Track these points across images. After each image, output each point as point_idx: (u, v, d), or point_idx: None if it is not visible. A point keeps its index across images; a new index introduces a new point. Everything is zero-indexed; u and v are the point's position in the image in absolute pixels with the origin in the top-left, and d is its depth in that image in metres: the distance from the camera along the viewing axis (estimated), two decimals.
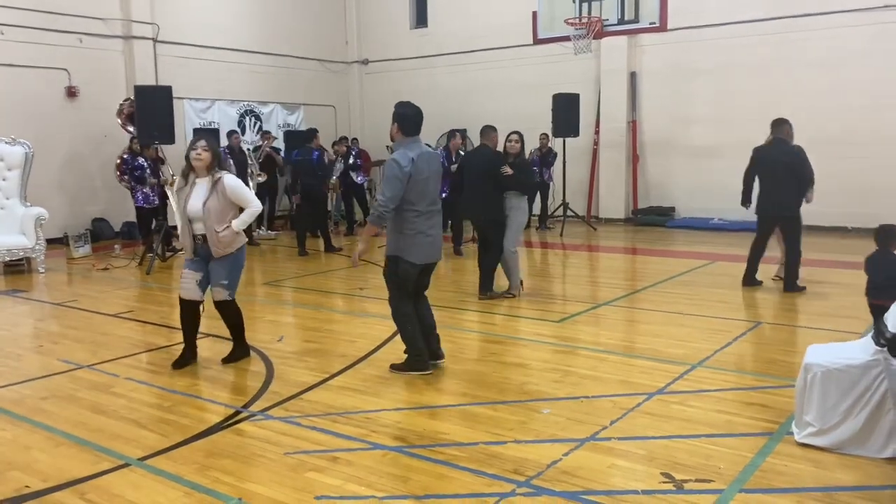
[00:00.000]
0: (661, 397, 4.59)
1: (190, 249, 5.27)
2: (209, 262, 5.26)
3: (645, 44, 14.06)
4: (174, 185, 10.91)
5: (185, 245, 5.31)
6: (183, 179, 5.25)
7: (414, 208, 5.01)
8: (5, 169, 10.12)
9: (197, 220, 5.16)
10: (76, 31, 12.62)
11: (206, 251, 5.22)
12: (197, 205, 5.12)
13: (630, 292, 8.03)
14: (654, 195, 14.45)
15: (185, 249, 5.33)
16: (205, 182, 5.16)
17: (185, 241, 5.28)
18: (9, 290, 8.72)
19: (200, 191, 5.15)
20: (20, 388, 5.02)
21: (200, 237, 5.20)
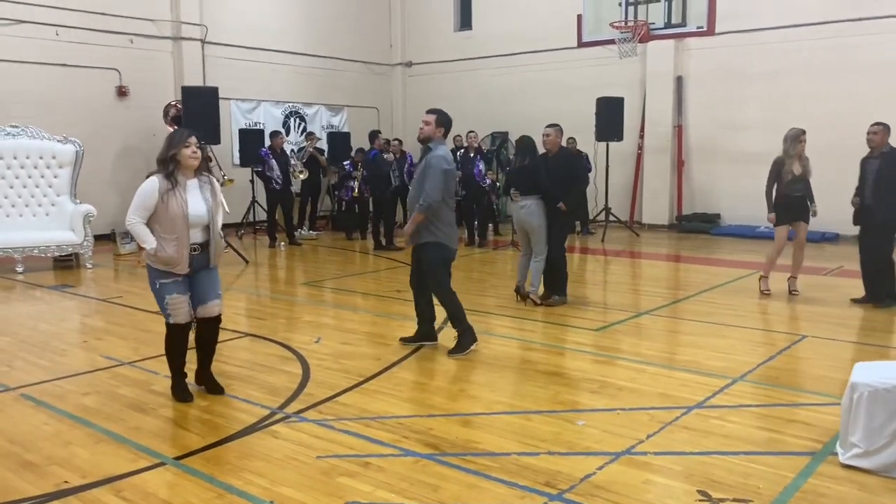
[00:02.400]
0: (701, 411, 4.48)
1: (186, 263, 4.54)
2: (194, 275, 4.63)
3: (692, 48, 13.83)
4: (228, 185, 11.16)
5: (180, 259, 4.50)
6: (167, 181, 4.46)
7: (447, 201, 5.73)
8: (56, 166, 10.39)
9: (198, 225, 4.55)
10: (127, 31, 12.90)
11: (200, 262, 4.62)
12: (201, 208, 4.55)
13: (672, 301, 7.89)
14: (699, 201, 14.21)
15: (178, 265, 4.51)
16: (194, 183, 4.57)
17: (181, 253, 4.49)
18: (58, 284, 8.95)
19: (195, 193, 4.56)
20: (63, 384, 5.14)
21: (198, 246, 4.58)
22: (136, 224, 4.48)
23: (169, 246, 4.46)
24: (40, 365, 5.60)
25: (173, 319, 4.65)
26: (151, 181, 4.49)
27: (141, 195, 4.47)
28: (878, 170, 7.22)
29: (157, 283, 4.58)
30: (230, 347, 6.12)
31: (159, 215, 4.46)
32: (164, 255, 4.47)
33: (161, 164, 4.53)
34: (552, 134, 7.47)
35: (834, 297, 7.76)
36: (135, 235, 4.53)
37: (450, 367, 5.45)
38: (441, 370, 5.38)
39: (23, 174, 10.22)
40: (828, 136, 8.22)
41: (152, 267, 4.54)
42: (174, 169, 4.52)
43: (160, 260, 4.48)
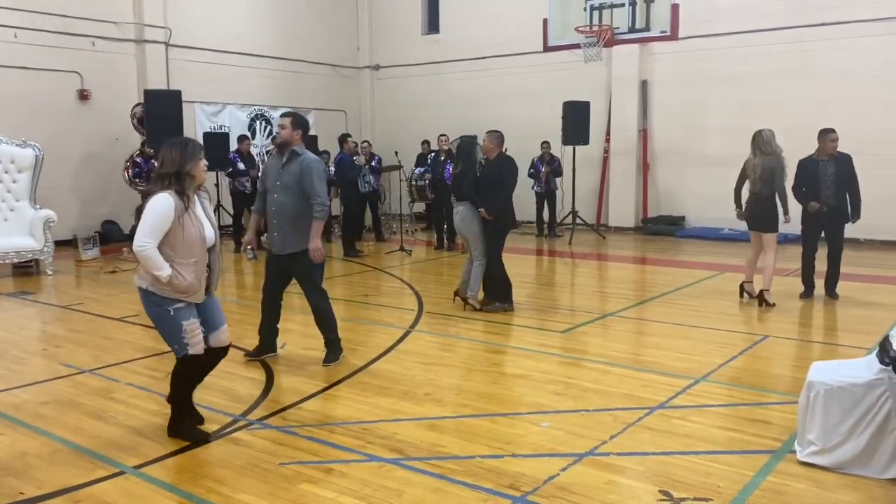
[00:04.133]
0: (663, 412, 4.53)
1: (203, 290, 4.10)
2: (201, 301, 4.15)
3: (656, 52, 14.00)
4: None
5: (199, 285, 4.04)
6: (181, 200, 3.91)
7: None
8: (15, 171, 10.18)
9: (210, 249, 4.12)
10: (89, 34, 12.70)
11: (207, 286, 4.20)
12: (210, 228, 4.09)
13: (637, 303, 7.97)
14: (664, 204, 14.38)
15: (196, 292, 4.03)
16: (196, 200, 4.08)
17: (200, 279, 4.04)
18: (16, 291, 8.77)
19: (201, 213, 4.09)
20: (20, 393, 5.03)
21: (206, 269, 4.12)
22: (151, 249, 3.83)
23: (187, 272, 3.93)
24: None
25: (193, 349, 4.03)
26: (166, 199, 3.86)
27: (156, 215, 3.84)
28: (836, 173, 7.60)
29: (171, 310, 3.96)
30: None
31: (173, 238, 3.89)
32: (183, 282, 3.92)
33: (170, 179, 3.90)
34: (486, 140, 7.47)
35: (794, 298, 7.89)
36: (147, 262, 3.86)
37: (416, 373, 5.44)
38: (407, 375, 5.36)
39: None
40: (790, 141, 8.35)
41: (157, 294, 3.94)
42: (187, 186, 3.96)
43: (176, 288, 3.92)
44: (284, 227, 5.43)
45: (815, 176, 7.66)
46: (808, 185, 7.69)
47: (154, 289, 3.93)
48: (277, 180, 5.40)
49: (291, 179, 5.36)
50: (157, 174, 3.96)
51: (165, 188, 3.89)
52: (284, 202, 5.40)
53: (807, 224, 7.85)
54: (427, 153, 14.55)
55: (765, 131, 7.44)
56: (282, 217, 5.42)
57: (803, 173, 7.71)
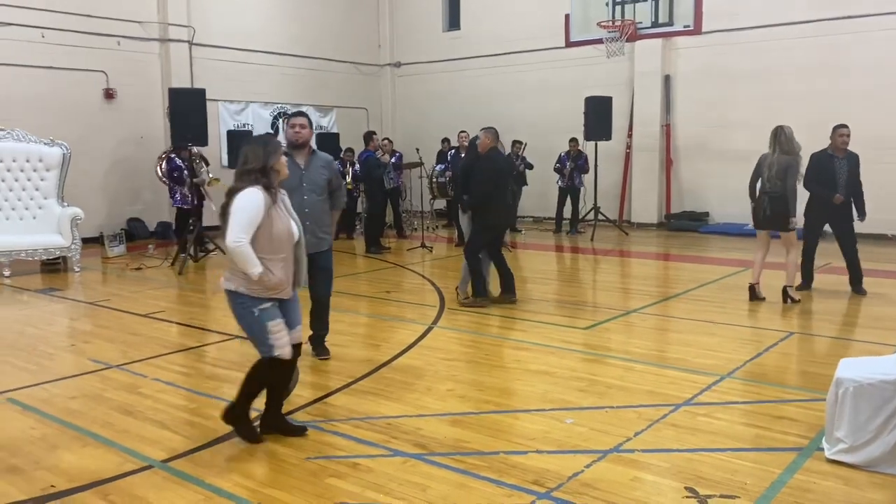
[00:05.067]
0: (688, 409, 4.50)
1: (291, 286, 4.05)
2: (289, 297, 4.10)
3: (679, 47, 13.89)
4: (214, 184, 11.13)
5: (288, 282, 3.99)
6: (269, 195, 3.85)
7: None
8: (43, 169, 10.33)
9: (296, 243, 4.04)
10: (114, 34, 12.85)
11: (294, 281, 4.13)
12: (296, 225, 4.04)
13: (661, 299, 7.92)
14: (687, 200, 14.27)
15: (285, 288, 3.97)
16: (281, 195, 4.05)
17: (288, 275, 3.99)
18: (45, 288, 8.90)
19: (286, 207, 4.05)
20: (50, 387, 5.11)
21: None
22: (245, 245, 3.75)
23: (277, 268, 3.87)
24: (27, 369, 5.57)
25: (279, 351, 3.92)
26: (256, 194, 3.79)
27: (247, 211, 3.77)
28: (849, 170, 7.65)
29: (256, 311, 3.86)
30: (219, 349, 6.12)
31: (263, 234, 3.82)
32: (273, 279, 3.85)
33: (256, 175, 3.84)
34: (480, 136, 7.55)
35: (820, 294, 7.80)
36: (241, 259, 3.76)
37: (439, 368, 5.45)
38: (430, 371, 5.38)
39: (9, 177, 10.15)
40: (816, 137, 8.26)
41: (244, 293, 3.85)
42: (273, 180, 3.91)
43: (265, 285, 3.84)
44: (316, 225, 5.32)
45: (830, 171, 7.63)
46: (823, 179, 7.63)
47: (243, 289, 3.84)
48: (303, 181, 5.23)
49: (319, 178, 5.32)
50: (242, 171, 3.87)
51: (255, 183, 3.82)
52: (316, 201, 5.31)
53: (811, 218, 7.85)
54: (447, 150, 14.56)
55: (786, 128, 7.27)
56: (314, 216, 5.28)
57: (818, 167, 7.65)
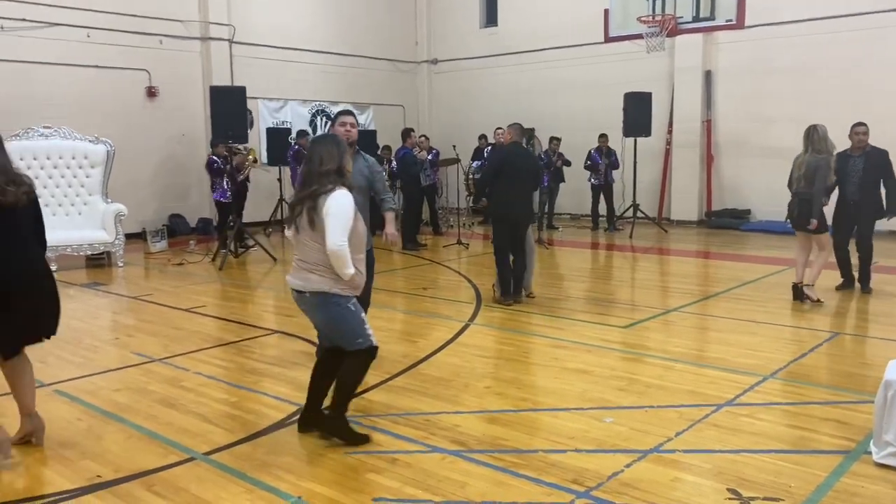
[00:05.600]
0: (730, 409, 4.43)
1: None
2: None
3: (721, 41, 13.67)
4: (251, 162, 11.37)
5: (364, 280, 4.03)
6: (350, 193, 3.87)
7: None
8: (88, 166, 10.56)
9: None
10: (157, 32, 13.07)
11: None
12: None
13: (701, 298, 7.81)
14: (728, 197, 14.04)
15: (361, 286, 4.00)
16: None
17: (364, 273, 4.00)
18: (89, 282, 9.10)
19: None
20: (96, 380, 5.23)
21: None
22: (346, 247, 3.73)
23: (361, 266, 3.90)
24: (73, 361, 5.70)
25: (375, 340, 4.00)
26: (347, 196, 3.80)
27: (346, 213, 3.75)
28: (865, 168, 7.45)
29: (350, 305, 3.91)
30: (259, 344, 6.19)
31: (352, 236, 3.79)
32: (359, 278, 3.88)
33: (333, 175, 3.81)
34: (504, 131, 7.74)
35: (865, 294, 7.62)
36: (341, 261, 3.73)
37: (476, 365, 5.45)
38: (467, 368, 5.38)
39: (56, 174, 10.40)
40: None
41: (337, 293, 3.84)
42: (348, 180, 3.91)
43: (352, 284, 3.85)
44: None
45: (843, 171, 7.46)
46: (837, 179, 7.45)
47: (336, 289, 3.82)
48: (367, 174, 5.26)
49: (363, 179, 5.25)
50: (321, 172, 3.80)
51: (334, 184, 3.79)
52: (362, 202, 5.06)
53: (837, 218, 7.68)
54: (484, 147, 14.54)
55: (819, 126, 7.07)
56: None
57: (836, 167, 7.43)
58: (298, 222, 3.86)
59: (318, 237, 3.77)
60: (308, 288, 3.86)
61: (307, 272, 3.86)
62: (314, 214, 3.76)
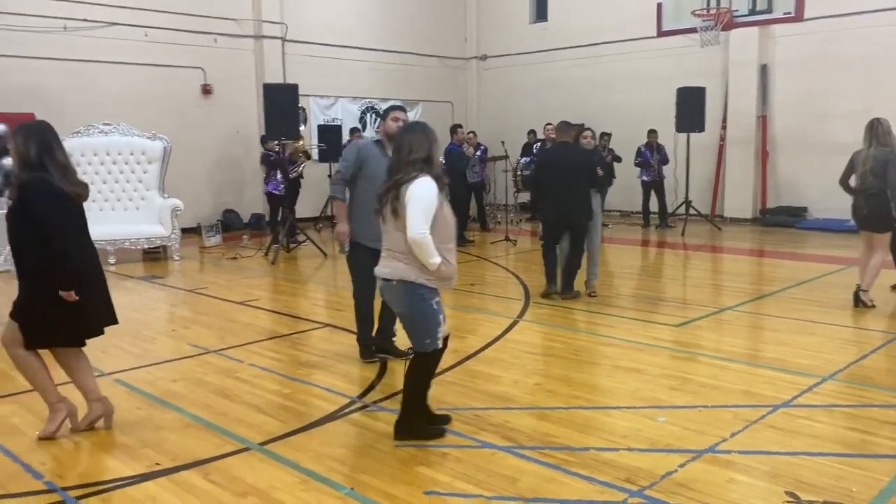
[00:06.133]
0: (788, 410, 4.33)
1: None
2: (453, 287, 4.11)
3: (778, 34, 13.32)
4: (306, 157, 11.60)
5: (456, 271, 3.94)
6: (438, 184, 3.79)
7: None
8: (146, 162, 10.83)
9: None
10: (211, 31, 13.33)
11: None
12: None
13: (755, 297, 7.64)
14: (784, 194, 13.69)
15: (453, 278, 3.93)
16: None
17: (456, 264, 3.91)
18: (147, 275, 9.35)
19: None
20: (153, 370, 5.37)
21: None
22: (428, 236, 3.68)
23: (451, 257, 3.82)
24: (132, 352, 5.86)
25: (440, 342, 3.96)
26: (431, 184, 3.74)
27: (428, 201, 3.71)
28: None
29: (433, 303, 3.86)
30: (310, 337, 6.28)
31: (437, 224, 3.74)
32: (449, 269, 3.80)
33: (421, 164, 3.77)
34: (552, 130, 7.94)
35: None
36: (424, 250, 3.68)
37: (525, 362, 5.43)
38: (516, 364, 5.36)
39: (115, 170, 10.70)
40: None
41: (423, 284, 3.79)
42: (437, 168, 3.85)
43: (441, 276, 3.79)
44: None
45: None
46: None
47: (423, 280, 3.77)
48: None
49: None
50: (408, 161, 3.77)
51: (418, 173, 3.74)
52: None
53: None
54: (533, 143, 14.46)
55: (883, 120, 6.80)
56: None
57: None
58: (385, 212, 3.84)
59: (402, 226, 3.72)
60: (394, 276, 3.82)
61: (394, 260, 3.83)
62: (397, 203, 3.73)
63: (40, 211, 3.80)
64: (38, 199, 3.81)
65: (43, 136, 3.90)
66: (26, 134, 3.90)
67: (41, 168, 3.84)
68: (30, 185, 3.83)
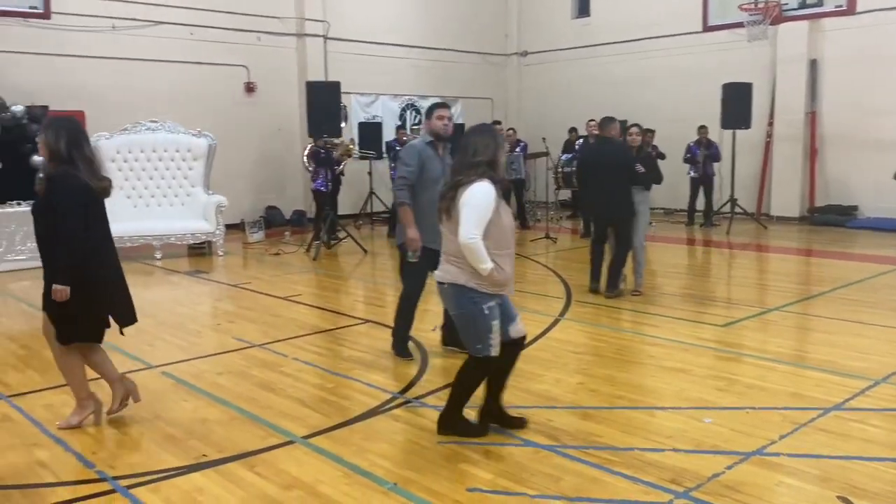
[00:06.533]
0: (839, 413, 4.22)
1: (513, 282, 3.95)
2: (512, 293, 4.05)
3: (828, 29, 12.98)
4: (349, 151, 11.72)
5: (512, 277, 3.88)
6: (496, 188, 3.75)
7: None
8: (191, 159, 11.01)
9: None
10: (255, 29, 13.48)
11: None
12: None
13: (803, 297, 7.47)
14: (833, 192, 13.35)
15: (509, 285, 3.87)
16: None
17: (512, 270, 3.87)
18: (192, 270, 9.50)
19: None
20: (199, 363, 5.45)
21: None
22: (479, 241, 3.64)
23: (505, 263, 3.76)
24: (178, 345, 5.97)
25: (494, 351, 3.83)
26: (488, 188, 3.70)
27: (483, 205, 3.67)
28: None
29: (485, 308, 3.76)
30: (352, 333, 6.32)
31: (492, 229, 3.69)
32: (502, 275, 3.74)
33: (484, 167, 3.74)
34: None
35: None
36: (474, 255, 3.64)
37: (568, 361, 5.39)
38: (558, 363, 5.32)
39: (161, 166, 10.89)
40: None
41: (474, 288, 3.74)
42: (499, 173, 3.82)
43: (494, 282, 3.73)
44: None
45: None
46: None
47: (473, 284, 3.72)
48: (443, 173, 5.09)
49: None
50: (472, 163, 3.74)
51: (480, 176, 3.72)
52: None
53: None
54: (575, 139, 14.33)
55: None
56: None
57: None
58: (442, 213, 3.82)
59: (455, 228, 3.71)
60: (446, 279, 3.82)
61: (448, 264, 3.83)
62: (452, 205, 3.73)
63: (63, 204, 3.86)
64: (64, 192, 3.88)
65: (72, 131, 3.98)
66: (56, 128, 3.98)
67: (69, 162, 3.92)
68: (57, 179, 3.91)
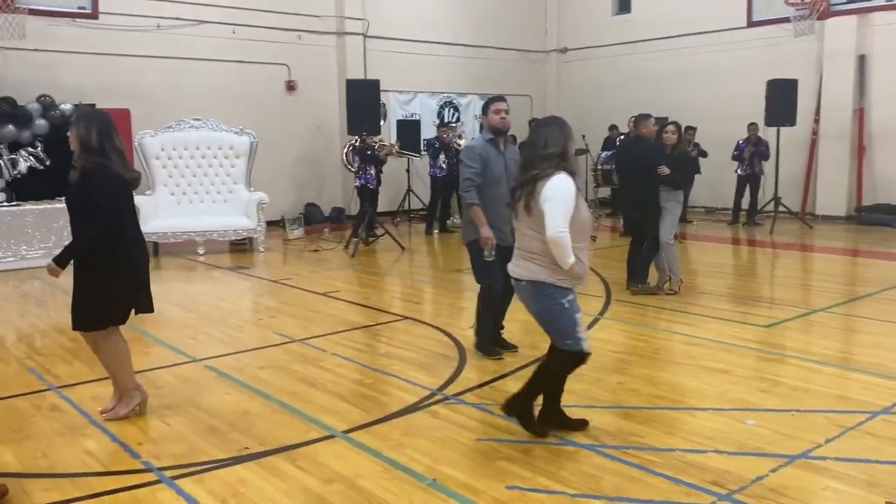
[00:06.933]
0: (888, 418, 4.12)
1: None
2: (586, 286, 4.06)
3: (878, 23, 12.65)
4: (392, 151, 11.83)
5: (589, 270, 3.85)
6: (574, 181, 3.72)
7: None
8: (234, 156, 11.17)
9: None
10: (296, 28, 13.61)
11: None
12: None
13: (849, 299, 7.30)
14: (882, 191, 13.01)
15: (585, 278, 3.81)
16: None
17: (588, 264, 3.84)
18: (234, 266, 9.65)
19: None
20: (241, 357, 5.54)
21: None
22: (567, 235, 3.57)
23: (584, 256, 3.70)
24: (221, 339, 6.07)
25: (586, 345, 3.80)
26: (569, 181, 3.65)
27: (566, 198, 3.62)
28: None
29: (565, 303, 3.72)
30: (390, 329, 6.36)
31: (572, 222, 3.62)
32: (581, 268, 3.69)
33: (557, 159, 3.68)
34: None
35: None
36: (562, 250, 3.58)
37: (606, 361, 5.34)
38: (598, 362, 5.25)
39: (204, 164, 11.07)
40: None
41: (552, 284, 3.69)
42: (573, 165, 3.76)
43: (574, 275, 3.68)
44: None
45: None
46: None
47: (552, 280, 3.68)
48: (505, 170, 5.12)
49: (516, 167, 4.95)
50: (543, 155, 3.69)
51: (555, 168, 3.66)
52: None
53: None
54: (615, 137, 14.21)
55: None
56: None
57: None
58: (518, 207, 3.76)
59: (534, 224, 3.67)
60: (525, 276, 3.77)
61: (525, 260, 3.79)
62: (531, 200, 3.66)
63: (97, 193, 3.96)
64: (100, 183, 3.97)
65: (103, 123, 4.07)
66: (88, 121, 4.08)
67: (101, 154, 4.01)
68: (92, 171, 4.00)
